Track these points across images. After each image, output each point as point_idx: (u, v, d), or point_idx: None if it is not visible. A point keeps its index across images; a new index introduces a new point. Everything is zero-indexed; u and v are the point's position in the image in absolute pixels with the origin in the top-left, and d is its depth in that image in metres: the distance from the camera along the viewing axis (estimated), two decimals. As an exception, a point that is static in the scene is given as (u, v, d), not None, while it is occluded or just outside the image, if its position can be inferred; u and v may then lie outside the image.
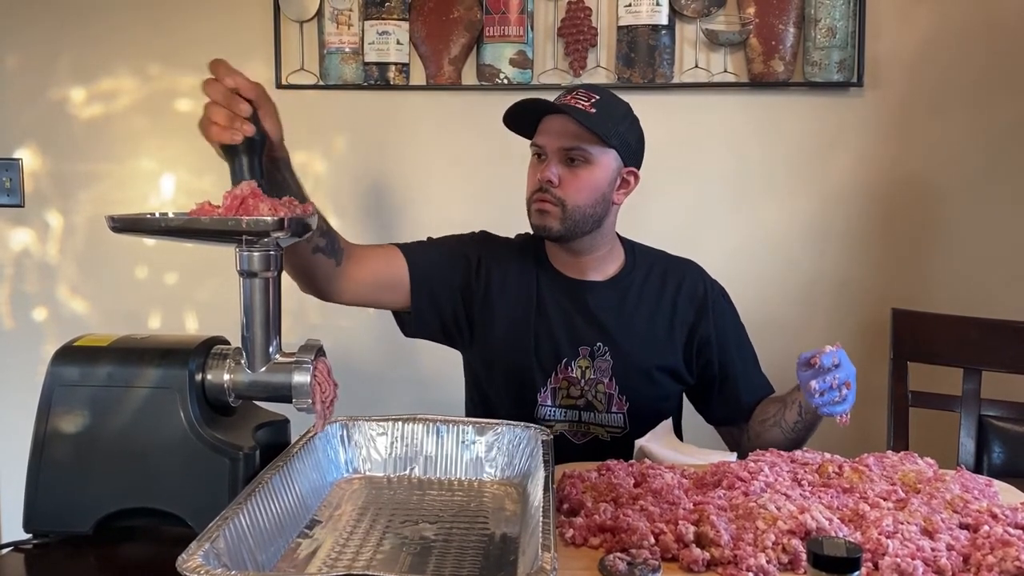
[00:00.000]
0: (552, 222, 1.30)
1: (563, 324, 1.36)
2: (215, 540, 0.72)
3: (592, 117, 1.27)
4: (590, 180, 1.30)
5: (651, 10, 1.86)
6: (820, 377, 1.11)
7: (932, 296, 1.88)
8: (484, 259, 1.39)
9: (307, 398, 0.94)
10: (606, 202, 1.33)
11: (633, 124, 1.35)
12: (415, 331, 1.40)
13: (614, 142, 1.29)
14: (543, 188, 1.30)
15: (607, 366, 1.35)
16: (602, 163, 1.30)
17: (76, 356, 0.97)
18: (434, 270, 1.37)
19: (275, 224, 0.87)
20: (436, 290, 1.36)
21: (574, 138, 1.28)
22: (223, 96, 0.94)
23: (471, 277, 1.38)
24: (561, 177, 1.29)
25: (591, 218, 1.31)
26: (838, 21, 1.85)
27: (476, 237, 1.45)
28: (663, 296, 1.39)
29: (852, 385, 1.13)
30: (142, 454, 0.94)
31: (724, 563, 0.83)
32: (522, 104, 1.31)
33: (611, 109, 1.31)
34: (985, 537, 0.86)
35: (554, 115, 1.31)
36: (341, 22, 1.93)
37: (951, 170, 1.90)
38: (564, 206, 1.29)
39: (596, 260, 1.39)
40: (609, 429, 1.36)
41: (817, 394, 1.11)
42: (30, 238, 2.08)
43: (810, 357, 1.13)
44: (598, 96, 1.30)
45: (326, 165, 2.02)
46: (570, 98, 1.30)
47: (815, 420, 1.26)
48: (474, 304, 1.38)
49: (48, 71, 2.03)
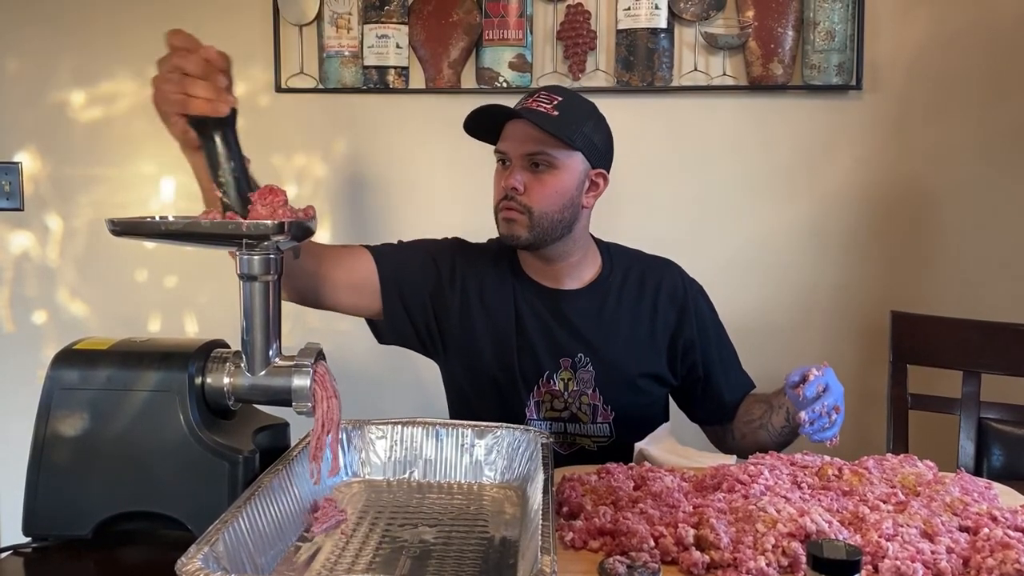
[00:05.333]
0: (520, 230, 1.27)
1: (543, 337, 1.33)
2: (214, 543, 0.72)
3: (554, 120, 1.23)
4: (556, 185, 1.26)
5: (650, 14, 1.86)
6: (809, 408, 1.09)
7: (931, 299, 1.89)
8: (459, 268, 1.36)
9: (307, 402, 0.94)
10: (575, 206, 1.29)
11: (599, 124, 1.31)
12: (389, 336, 1.37)
13: (578, 144, 1.26)
14: (508, 196, 1.26)
15: (589, 377, 1.32)
16: (568, 167, 1.27)
17: (76, 359, 0.97)
18: (405, 273, 1.33)
19: (275, 228, 0.87)
20: (407, 294, 1.33)
21: (537, 143, 1.25)
22: (201, 68, 0.88)
23: (444, 285, 1.35)
24: (526, 184, 1.26)
25: (560, 224, 1.28)
26: (837, 24, 1.85)
27: (450, 244, 1.41)
28: (642, 299, 1.37)
29: (841, 408, 1.12)
30: (141, 457, 0.94)
31: (724, 566, 0.83)
32: (482, 110, 1.27)
33: (574, 110, 1.27)
34: (985, 540, 0.86)
35: (516, 120, 1.27)
36: (340, 26, 1.94)
37: (950, 172, 1.90)
38: (531, 213, 1.26)
39: (570, 267, 1.36)
40: (595, 439, 1.34)
41: (807, 424, 1.09)
42: (30, 241, 2.08)
43: (798, 380, 1.12)
44: (561, 97, 1.27)
45: (325, 168, 2.02)
46: (532, 101, 1.27)
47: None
48: (448, 315, 1.34)
49: (48, 74, 2.03)
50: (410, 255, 1.37)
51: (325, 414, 0.94)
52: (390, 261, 1.33)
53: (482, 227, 1.47)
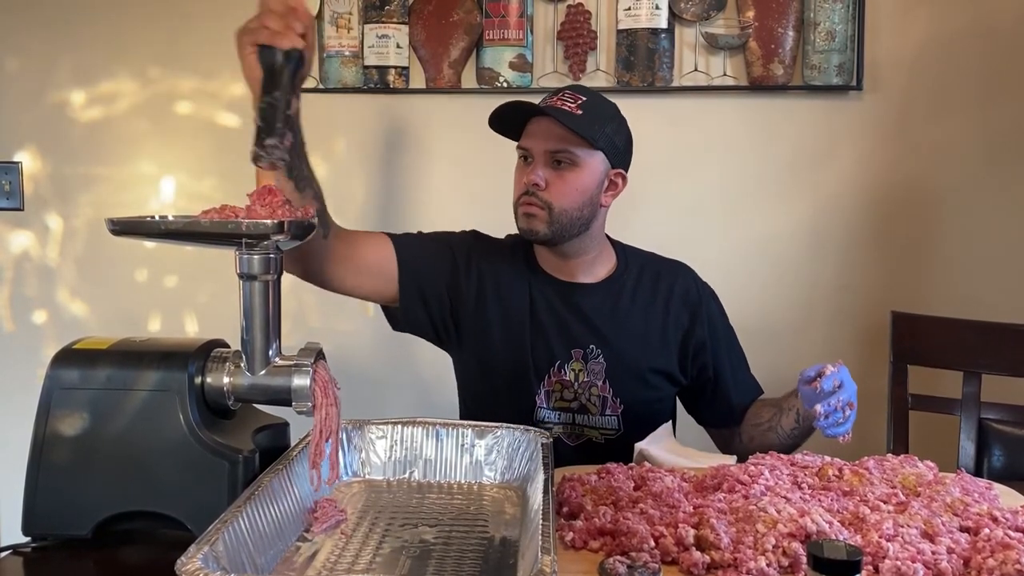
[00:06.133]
0: (539, 225, 1.29)
1: (556, 327, 1.35)
2: (214, 543, 0.72)
3: (578, 119, 1.25)
4: (577, 182, 1.29)
5: (650, 14, 1.86)
6: (825, 400, 1.10)
7: (932, 299, 1.88)
8: (475, 260, 1.38)
9: (307, 401, 0.94)
10: (593, 204, 1.32)
11: (621, 126, 1.34)
12: (404, 325, 1.38)
13: (601, 144, 1.28)
14: (529, 191, 1.29)
15: (600, 368, 1.34)
16: (589, 165, 1.29)
17: (75, 359, 0.97)
18: (422, 263, 1.35)
19: (275, 227, 0.87)
20: (424, 283, 1.35)
21: (560, 140, 1.27)
22: (284, 6, 0.96)
23: (460, 277, 1.37)
24: (547, 180, 1.28)
25: (578, 221, 1.30)
26: (837, 25, 1.85)
27: (467, 237, 1.44)
28: (656, 298, 1.39)
29: (854, 405, 1.12)
30: (141, 457, 0.94)
31: (724, 566, 0.83)
32: (508, 106, 1.29)
33: (598, 111, 1.29)
34: (985, 540, 0.86)
35: (540, 117, 1.29)
36: (341, 25, 1.94)
37: (950, 173, 1.90)
38: (551, 209, 1.28)
39: (586, 263, 1.38)
40: (603, 431, 1.35)
41: (822, 417, 1.10)
42: (30, 241, 2.08)
43: (814, 376, 1.12)
44: (585, 97, 1.29)
45: (326, 168, 2.02)
46: (556, 99, 1.29)
47: (812, 427, 1.26)
48: (464, 306, 1.36)
49: (48, 74, 2.03)
50: (429, 245, 1.39)
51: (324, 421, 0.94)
52: (410, 249, 1.35)
53: (483, 226, 1.48)
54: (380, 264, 1.32)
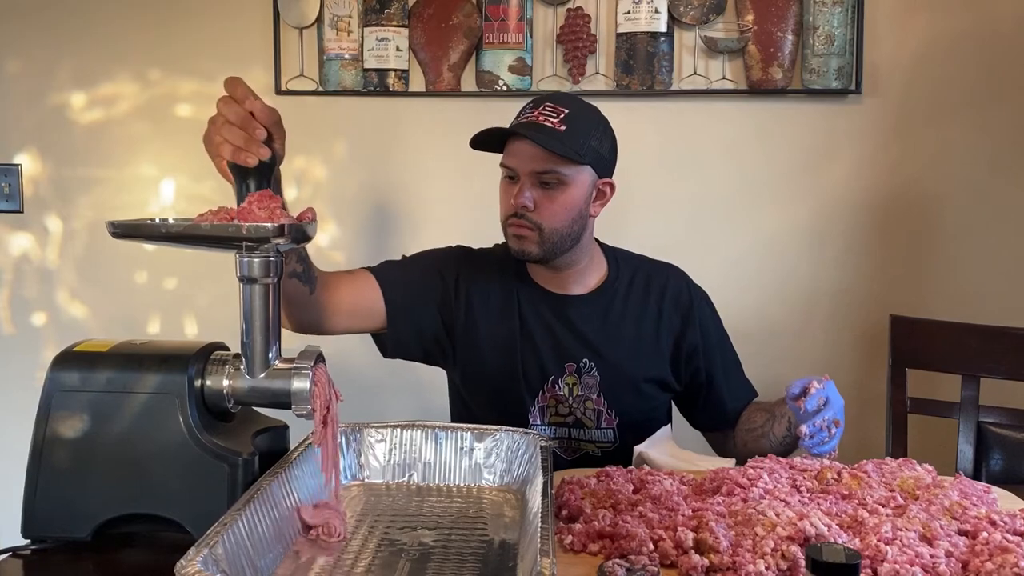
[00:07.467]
0: (530, 247, 1.27)
1: (548, 341, 1.33)
2: (214, 546, 0.72)
3: (562, 136, 1.22)
4: (566, 202, 1.26)
5: (650, 17, 1.87)
6: (810, 420, 1.10)
7: (931, 303, 1.89)
8: (463, 277, 1.36)
9: (306, 404, 0.94)
10: (583, 218, 1.29)
11: (605, 132, 1.30)
12: (393, 354, 1.38)
13: (587, 159, 1.25)
14: (519, 214, 1.26)
15: (594, 382, 1.33)
16: (576, 181, 1.26)
17: (75, 361, 0.97)
18: (409, 293, 1.33)
19: (275, 230, 0.87)
20: (412, 313, 1.33)
21: (546, 161, 1.23)
22: (240, 118, 0.92)
23: (449, 296, 1.35)
24: (536, 201, 1.25)
25: (569, 237, 1.28)
26: (836, 28, 1.85)
27: (453, 254, 1.41)
28: (648, 303, 1.37)
29: (840, 422, 1.12)
30: (141, 460, 0.94)
31: (723, 569, 0.83)
32: (489, 132, 1.27)
33: (581, 122, 1.25)
34: (984, 544, 0.86)
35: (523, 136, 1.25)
36: (341, 28, 1.94)
37: (949, 176, 1.90)
38: (542, 230, 1.26)
39: (577, 273, 1.36)
40: (599, 445, 1.34)
41: (807, 437, 1.10)
42: (29, 243, 2.08)
43: (799, 393, 1.12)
44: (567, 109, 1.25)
45: (325, 171, 2.02)
46: (538, 113, 1.24)
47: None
48: (455, 323, 1.35)
49: (48, 76, 2.03)
50: (413, 271, 1.37)
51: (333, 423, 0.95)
52: (394, 285, 1.33)
53: (482, 230, 1.48)
54: (368, 305, 1.31)
